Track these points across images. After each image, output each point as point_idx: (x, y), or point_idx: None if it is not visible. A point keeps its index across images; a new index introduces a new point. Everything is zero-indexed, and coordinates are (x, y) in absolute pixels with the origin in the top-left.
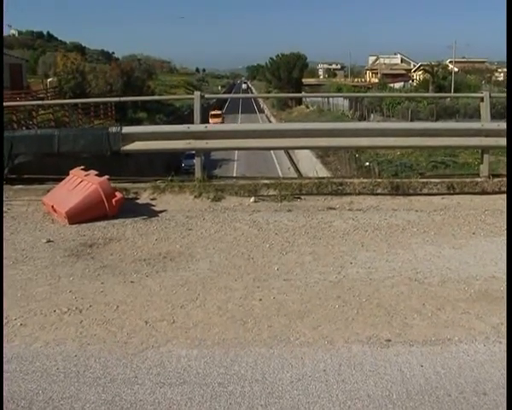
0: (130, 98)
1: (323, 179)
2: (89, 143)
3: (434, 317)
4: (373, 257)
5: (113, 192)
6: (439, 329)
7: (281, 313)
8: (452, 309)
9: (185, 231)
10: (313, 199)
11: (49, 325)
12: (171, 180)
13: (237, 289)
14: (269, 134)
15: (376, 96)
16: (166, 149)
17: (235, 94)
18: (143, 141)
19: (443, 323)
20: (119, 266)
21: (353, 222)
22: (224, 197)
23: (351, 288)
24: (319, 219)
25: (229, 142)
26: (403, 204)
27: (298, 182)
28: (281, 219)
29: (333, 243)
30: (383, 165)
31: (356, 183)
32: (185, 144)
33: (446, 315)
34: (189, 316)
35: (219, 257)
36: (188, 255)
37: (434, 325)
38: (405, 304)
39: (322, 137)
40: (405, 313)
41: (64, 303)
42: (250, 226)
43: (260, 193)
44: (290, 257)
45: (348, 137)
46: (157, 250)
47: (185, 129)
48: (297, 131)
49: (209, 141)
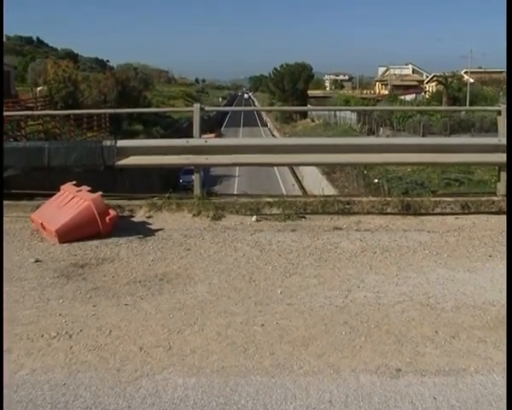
0: (126, 110)
1: (330, 197)
2: (81, 157)
3: (448, 345)
4: (382, 280)
5: (106, 209)
6: (454, 358)
7: (284, 340)
8: (467, 337)
9: (183, 251)
10: (319, 218)
11: (37, 351)
12: (168, 197)
13: (238, 314)
14: (272, 149)
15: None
16: (164, 164)
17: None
18: (139, 155)
19: (457, 352)
20: (113, 288)
21: (361, 243)
22: (224, 216)
23: (358, 313)
24: (325, 240)
25: (230, 157)
26: (414, 224)
27: (302, 200)
28: (284, 240)
29: (339, 265)
30: (393, 182)
31: (364, 201)
32: (184, 159)
33: (461, 343)
34: (186, 342)
35: (219, 279)
36: (185, 277)
37: (448, 353)
38: (417, 331)
39: (329, 152)
40: (417, 341)
41: (53, 327)
42: (252, 247)
43: (263, 212)
44: (294, 280)
45: (356, 152)
46: (153, 271)
47: (184, 143)
48: (302, 146)
49: (209, 156)
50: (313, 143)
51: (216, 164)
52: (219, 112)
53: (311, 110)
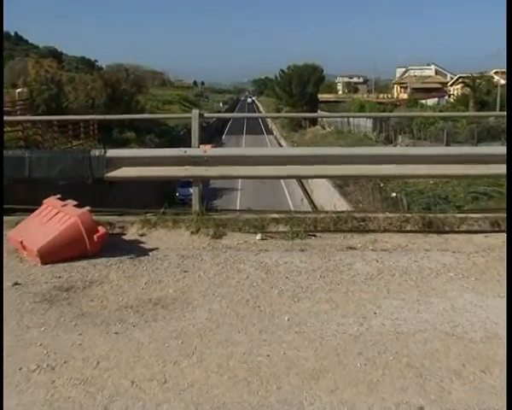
0: (117, 116)
1: (342, 214)
2: (67, 169)
3: (477, 381)
4: (401, 306)
5: (94, 227)
6: (484, 396)
7: (292, 373)
8: (500, 372)
9: (180, 273)
10: (330, 237)
11: (14, 387)
12: (163, 213)
13: (241, 343)
14: (278, 160)
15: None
16: (159, 176)
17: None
18: (132, 167)
19: (488, 389)
20: (101, 314)
21: (378, 264)
22: (225, 234)
23: (375, 343)
24: (337, 261)
25: (232, 169)
26: (437, 244)
27: (312, 217)
28: (292, 261)
29: (353, 289)
30: (413, 196)
31: (381, 218)
32: (181, 171)
33: (493, 379)
34: (183, 375)
35: (220, 304)
36: (183, 302)
37: (478, 390)
38: (441, 364)
39: (341, 163)
40: (441, 375)
41: (33, 359)
42: (256, 268)
43: (268, 229)
44: (303, 305)
45: (372, 163)
46: (146, 296)
47: (181, 153)
48: (311, 156)
49: (209, 168)
50: (324, 154)
51: (217, 176)
52: (220, 118)
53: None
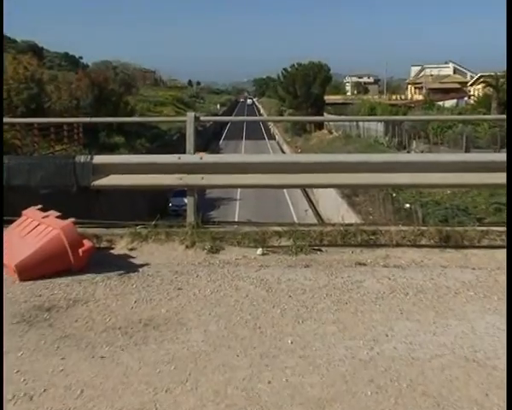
0: (104, 119)
1: (351, 226)
2: (49, 176)
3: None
4: (416, 329)
5: (79, 240)
6: None
7: (296, 401)
8: None
9: (173, 290)
10: (338, 252)
11: None
12: (155, 225)
13: (240, 368)
14: (281, 168)
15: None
16: (151, 185)
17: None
18: (120, 174)
19: None
20: (86, 336)
21: (390, 282)
22: (223, 248)
23: (387, 369)
24: (345, 278)
25: (230, 177)
26: (455, 260)
27: (318, 229)
28: (296, 278)
29: (363, 309)
30: (429, 207)
31: (393, 231)
32: (175, 180)
33: None
34: (176, 403)
35: (217, 325)
36: (176, 323)
37: None
38: (461, 393)
39: (350, 171)
40: (461, 406)
41: (9, 387)
42: (256, 286)
43: (270, 243)
44: (308, 327)
45: (383, 171)
46: (136, 316)
47: (175, 160)
48: (317, 164)
49: (206, 176)
50: (331, 161)
51: (214, 185)
52: (217, 122)
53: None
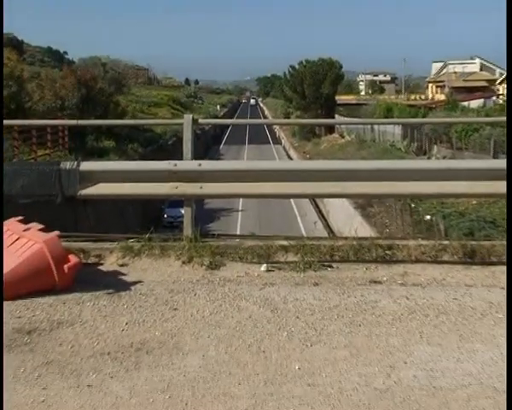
0: (92, 122)
1: (365, 240)
2: (31, 184)
3: None
4: (438, 354)
5: (65, 255)
6: None
7: None
8: None
9: (168, 311)
10: (350, 268)
11: None
12: (148, 239)
13: (241, 398)
14: (287, 176)
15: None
16: (144, 195)
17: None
18: (110, 182)
19: None
20: (72, 362)
21: (408, 302)
22: (223, 264)
23: (405, 399)
24: (359, 298)
25: (231, 186)
26: (481, 278)
27: (328, 244)
28: (304, 297)
29: (378, 332)
30: (452, 219)
31: (411, 246)
32: (170, 189)
33: None
34: None
35: (216, 350)
36: (172, 347)
37: None
38: None
39: (364, 180)
40: None
41: None
42: (260, 306)
43: (275, 259)
44: (317, 351)
45: (401, 180)
46: (127, 339)
47: (170, 167)
48: (328, 171)
49: (204, 185)
50: (343, 168)
51: (213, 195)
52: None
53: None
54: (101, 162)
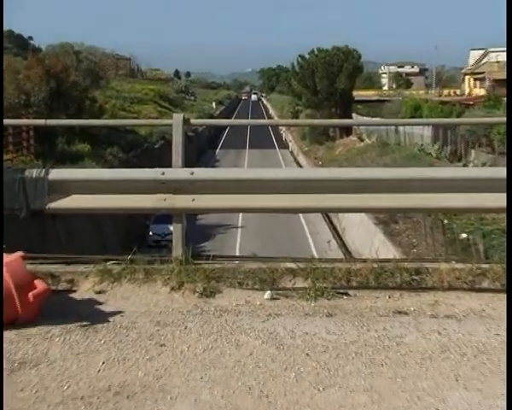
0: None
1: (388, 263)
2: None
3: None
4: (477, 402)
5: (30, 280)
6: None
7: None
8: None
9: (154, 347)
10: (370, 296)
11: None
12: (131, 261)
13: None
14: (296, 186)
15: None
16: (125, 208)
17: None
18: (85, 194)
19: None
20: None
21: (440, 338)
22: (219, 291)
23: None
24: (380, 332)
25: (229, 199)
26: None
27: (344, 267)
28: (315, 331)
29: (405, 373)
30: (493, 238)
31: (444, 269)
32: (157, 202)
33: None
34: None
35: (211, 394)
36: (157, 390)
37: None
38: None
39: (387, 191)
40: None
41: None
42: (264, 341)
43: (281, 285)
44: (331, 396)
45: (431, 191)
46: (104, 381)
47: (158, 176)
48: (343, 181)
49: (197, 197)
50: (361, 177)
51: (208, 209)
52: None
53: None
54: (75, 170)
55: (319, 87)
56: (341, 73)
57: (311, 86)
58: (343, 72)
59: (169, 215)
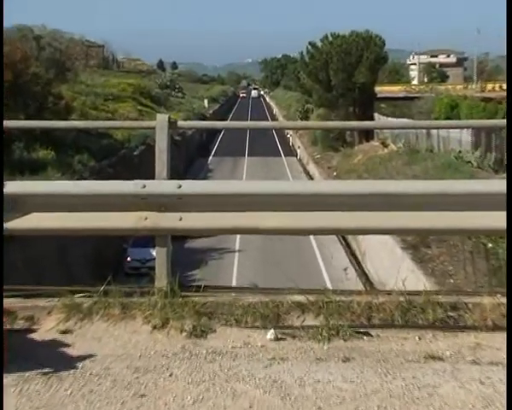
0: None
1: (418, 296)
2: None
3: None
4: None
5: None
6: None
7: None
8: None
9: (132, 399)
10: (396, 337)
11: None
12: (104, 293)
13: None
14: (304, 202)
15: None
16: (97, 229)
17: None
18: (48, 212)
19: None
20: None
21: (483, 389)
22: (213, 330)
23: None
24: (409, 381)
25: (224, 218)
26: None
27: (365, 300)
28: (329, 378)
29: None
30: None
31: (487, 305)
32: (137, 221)
33: None
34: None
35: None
36: None
37: None
38: None
39: (416, 209)
40: None
41: None
42: (266, 391)
43: (287, 322)
44: None
45: (471, 209)
46: None
47: (138, 189)
48: (363, 196)
49: (186, 215)
50: (386, 191)
51: (199, 230)
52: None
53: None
54: (35, 182)
55: (334, 81)
56: (361, 64)
57: (323, 80)
58: (363, 63)
59: (151, 238)
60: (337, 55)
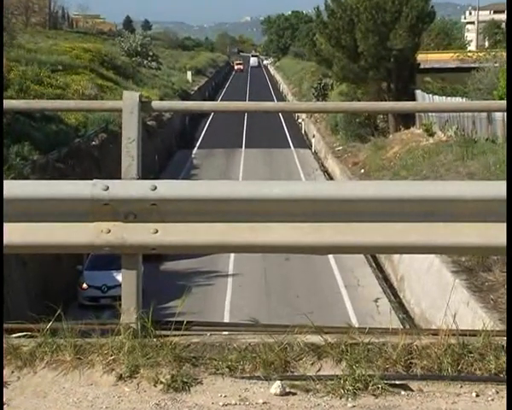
0: None
1: (474, 337)
2: None
3: None
4: None
5: None
6: None
7: None
8: None
9: None
10: (445, 392)
11: None
12: (52, 332)
13: None
14: (322, 210)
15: None
16: (41, 246)
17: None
18: None
19: None
20: None
21: None
22: (198, 381)
23: None
24: None
25: (213, 230)
26: None
27: (402, 343)
28: None
29: None
30: None
31: None
32: (96, 234)
33: None
34: None
35: None
36: None
37: None
38: None
39: (474, 219)
40: None
41: None
42: None
43: (298, 371)
44: None
45: None
46: None
47: (97, 192)
48: (399, 202)
49: (163, 226)
50: (430, 196)
51: (180, 246)
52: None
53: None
54: None
55: (362, 48)
56: (398, 23)
57: (348, 46)
58: (401, 22)
59: (114, 257)
60: (366, 11)
